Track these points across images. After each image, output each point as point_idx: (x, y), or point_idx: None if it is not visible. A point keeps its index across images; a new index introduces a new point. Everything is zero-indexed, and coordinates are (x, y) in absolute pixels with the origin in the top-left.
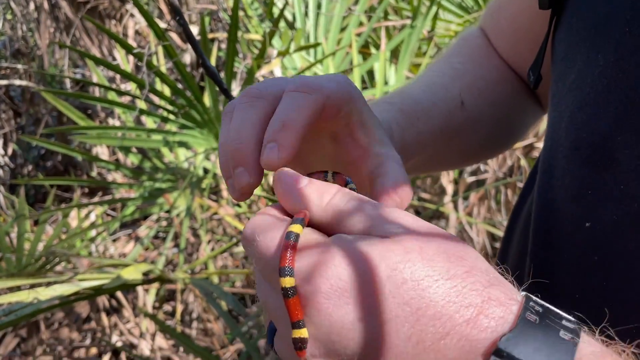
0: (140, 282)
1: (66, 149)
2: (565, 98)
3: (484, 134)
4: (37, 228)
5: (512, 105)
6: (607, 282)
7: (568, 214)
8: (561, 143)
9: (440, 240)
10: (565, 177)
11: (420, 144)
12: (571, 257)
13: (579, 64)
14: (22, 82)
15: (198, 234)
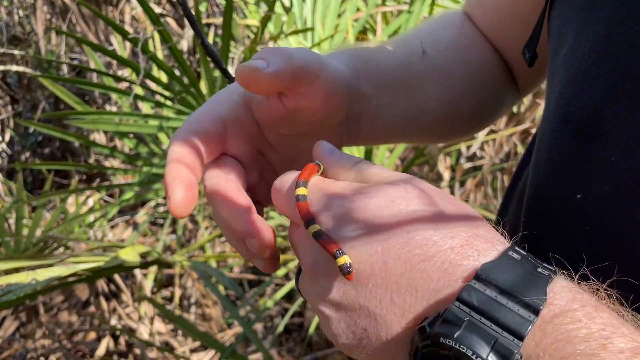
0: (139, 264)
1: (63, 133)
2: (557, 73)
3: (455, 91)
4: (35, 212)
5: (485, 72)
6: (599, 251)
7: (559, 187)
8: (552, 117)
9: (440, 191)
10: (554, 150)
11: (373, 88)
12: (562, 229)
13: (570, 39)
14: (19, 68)
15: (196, 220)
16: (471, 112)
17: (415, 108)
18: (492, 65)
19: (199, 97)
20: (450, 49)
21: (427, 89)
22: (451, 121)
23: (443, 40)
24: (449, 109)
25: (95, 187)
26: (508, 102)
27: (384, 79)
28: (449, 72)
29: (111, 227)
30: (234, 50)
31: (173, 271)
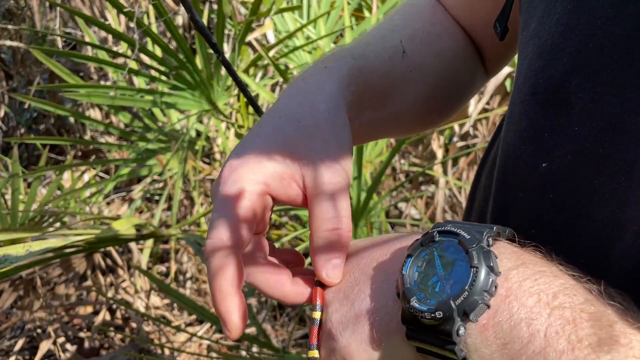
0: (134, 237)
1: (58, 108)
2: (526, 47)
3: (430, 85)
4: (31, 187)
5: (458, 60)
6: (562, 218)
7: (525, 156)
8: (521, 89)
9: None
10: (523, 121)
11: (358, 110)
12: (528, 197)
13: (539, 13)
14: (13, 43)
15: (191, 197)
16: (444, 101)
17: (395, 112)
18: (463, 51)
19: (195, 72)
20: (424, 42)
21: (406, 91)
22: (427, 114)
23: (417, 33)
24: (425, 103)
25: (91, 163)
26: (478, 84)
27: (369, 95)
28: (424, 69)
29: (107, 204)
30: (228, 27)
31: (168, 246)
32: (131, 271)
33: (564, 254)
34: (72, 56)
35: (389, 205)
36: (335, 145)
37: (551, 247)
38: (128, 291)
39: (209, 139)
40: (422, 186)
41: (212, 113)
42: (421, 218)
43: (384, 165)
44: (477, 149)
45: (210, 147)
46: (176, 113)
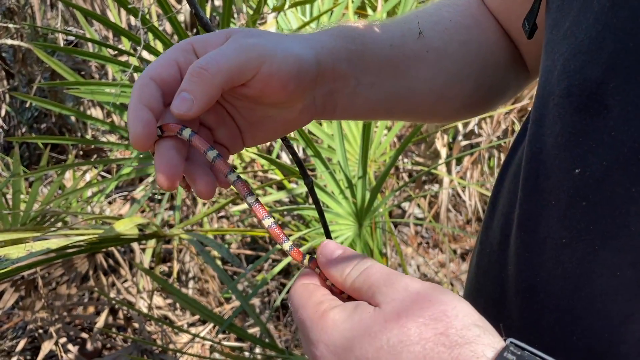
0: (137, 237)
1: (59, 107)
2: (559, 46)
3: (451, 71)
4: (33, 187)
5: (486, 52)
6: (595, 226)
7: (558, 161)
8: (553, 91)
9: (422, 303)
10: (556, 124)
11: (353, 67)
12: (559, 204)
13: (574, 11)
14: (14, 42)
15: (194, 196)
16: (470, 94)
17: (405, 88)
18: (494, 46)
19: None
20: (449, 29)
21: (420, 69)
22: (444, 102)
23: (443, 20)
24: (442, 90)
25: (93, 162)
26: (514, 84)
27: (368, 58)
28: (444, 53)
29: (109, 203)
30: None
31: (171, 246)
32: (133, 271)
33: (598, 264)
34: (75, 53)
35: (393, 205)
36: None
37: (585, 258)
38: (130, 291)
39: None
40: (426, 185)
41: None
42: (425, 217)
43: (388, 165)
44: (482, 148)
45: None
46: None
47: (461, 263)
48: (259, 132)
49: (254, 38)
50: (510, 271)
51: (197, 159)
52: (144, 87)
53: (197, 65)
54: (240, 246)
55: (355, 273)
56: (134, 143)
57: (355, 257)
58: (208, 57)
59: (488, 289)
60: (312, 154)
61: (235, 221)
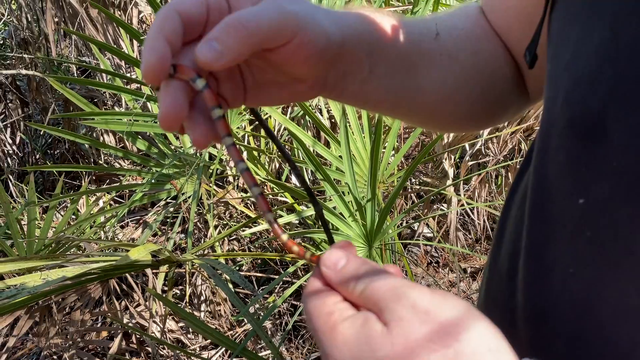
0: (150, 263)
1: (73, 135)
2: (561, 77)
3: (460, 77)
4: (47, 214)
5: (494, 64)
6: (601, 254)
7: (562, 190)
8: (556, 122)
9: (431, 324)
10: (560, 153)
11: (370, 55)
12: (565, 233)
13: (573, 42)
14: (29, 72)
15: (205, 219)
16: (475, 103)
17: (414, 85)
18: (503, 60)
19: None
20: (463, 37)
21: (431, 70)
22: (449, 107)
23: (457, 27)
24: (449, 93)
25: (106, 189)
26: (515, 104)
27: (386, 49)
28: (456, 58)
29: (121, 227)
30: None
31: (183, 270)
32: (146, 295)
33: (606, 291)
34: (88, 84)
35: (403, 227)
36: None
37: (592, 285)
38: (143, 315)
39: (221, 161)
40: (434, 204)
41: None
42: (434, 236)
43: (397, 187)
44: (491, 169)
45: (222, 170)
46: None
47: (471, 282)
48: (263, 95)
49: (294, 5)
50: (519, 299)
51: (199, 106)
52: (167, 19)
53: (237, 18)
54: (251, 268)
55: (360, 287)
56: (145, 74)
57: (359, 268)
58: (249, 13)
59: (498, 316)
60: (322, 178)
61: (245, 243)
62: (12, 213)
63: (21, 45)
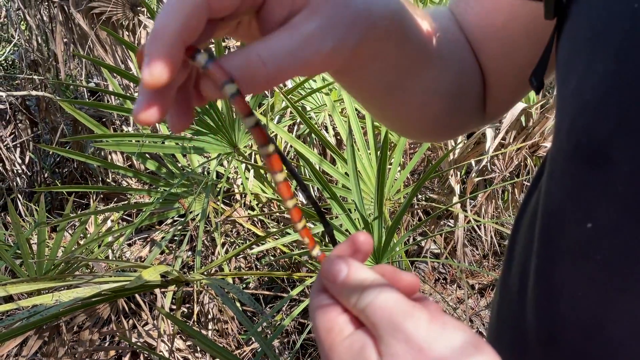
0: (159, 283)
1: (83, 157)
2: (567, 103)
3: (444, 81)
4: (56, 235)
5: (471, 78)
6: (610, 278)
7: (570, 215)
8: (563, 147)
9: (422, 354)
10: (566, 179)
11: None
12: (574, 256)
13: (579, 71)
14: (39, 93)
15: (213, 237)
16: (446, 110)
17: (408, 80)
18: (477, 74)
19: (217, 117)
20: (454, 41)
21: (423, 69)
22: (426, 111)
23: (450, 30)
24: (431, 97)
25: (114, 209)
26: (474, 119)
27: (405, 36)
28: (447, 63)
29: (128, 245)
30: None
31: (191, 288)
32: (154, 313)
33: (615, 313)
34: (98, 106)
35: (410, 244)
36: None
37: (602, 307)
38: (151, 334)
39: (228, 179)
40: (441, 220)
41: (233, 155)
42: (441, 252)
43: (404, 205)
44: (497, 186)
45: (229, 188)
46: (197, 156)
47: (479, 299)
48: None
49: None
50: (529, 320)
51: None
52: (193, 15)
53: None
54: (258, 286)
55: (361, 305)
56: (150, 83)
57: (361, 282)
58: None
59: (508, 337)
60: (329, 197)
61: (252, 260)
62: (22, 234)
63: (31, 66)
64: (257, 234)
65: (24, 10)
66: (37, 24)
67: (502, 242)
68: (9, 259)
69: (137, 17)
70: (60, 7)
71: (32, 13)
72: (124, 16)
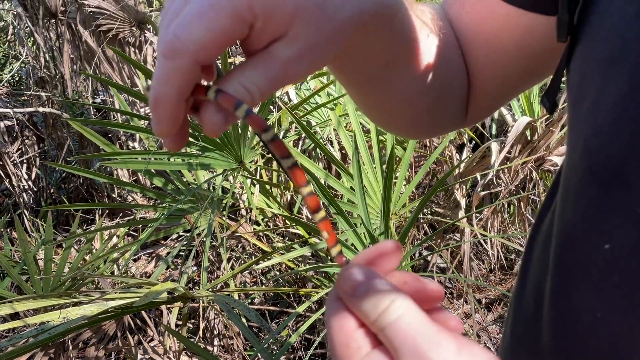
0: (166, 300)
1: (89, 173)
2: (581, 124)
3: (430, 79)
4: (63, 252)
5: (459, 80)
6: (629, 299)
7: (586, 236)
8: (576, 167)
9: None
10: (581, 200)
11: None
12: (591, 278)
13: (593, 93)
14: (46, 110)
15: (218, 252)
16: (427, 108)
17: (394, 75)
18: (463, 78)
19: (222, 134)
20: (444, 40)
21: (409, 66)
22: (408, 108)
23: (443, 29)
24: (415, 94)
25: (120, 225)
26: (455, 121)
27: (390, 30)
28: (435, 61)
29: (134, 261)
30: None
31: (197, 305)
32: (160, 329)
33: (635, 335)
34: (105, 124)
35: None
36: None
37: (621, 329)
38: (157, 350)
39: (234, 194)
40: (447, 234)
41: (239, 170)
42: (448, 267)
43: (410, 221)
44: (503, 200)
45: (235, 203)
46: (202, 172)
47: (486, 313)
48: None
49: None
50: (545, 342)
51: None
52: (187, 76)
53: None
54: (263, 301)
55: (381, 324)
56: (162, 134)
57: (382, 298)
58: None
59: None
60: (335, 212)
61: (258, 275)
62: (29, 251)
63: (38, 83)
64: (263, 249)
65: (32, 28)
66: (44, 42)
67: (508, 256)
68: (16, 275)
69: (143, 35)
70: (67, 25)
71: (40, 31)
72: (130, 34)
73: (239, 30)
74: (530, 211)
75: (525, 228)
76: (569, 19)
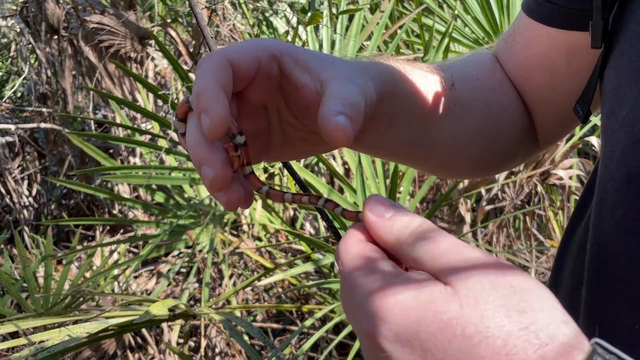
0: (167, 317)
1: (90, 189)
2: (617, 133)
3: (473, 129)
4: (63, 268)
5: (505, 117)
6: None
7: (625, 246)
8: (613, 177)
9: (504, 289)
10: (618, 209)
11: (392, 110)
12: (629, 289)
13: (630, 101)
14: (48, 126)
15: (220, 269)
16: (483, 154)
17: (428, 136)
18: (514, 111)
19: None
20: (477, 87)
21: (445, 120)
22: (458, 158)
23: (472, 78)
24: (460, 144)
25: (121, 241)
26: (523, 152)
27: (405, 102)
28: (470, 110)
29: (135, 277)
30: None
31: (198, 322)
32: (160, 347)
33: None
34: (109, 139)
35: None
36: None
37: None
38: None
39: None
40: None
41: None
42: None
43: None
44: (508, 215)
45: (236, 219)
46: (204, 187)
47: None
48: (289, 151)
49: (354, 85)
50: None
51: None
52: (222, 69)
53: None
54: (266, 318)
55: (418, 252)
56: (214, 129)
57: (412, 222)
58: (357, 107)
59: None
60: (339, 227)
61: (260, 291)
62: (29, 267)
63: (40, 99)
64: (265, 265)
65: (34, 44)
66: (46, 58)
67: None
68: (16, 292)
69: (145, 50)
70: (69, 41)
71: (42, 47)
72: (132, 49)
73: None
74: (535, 225)
75: (531, 243)
76: (603, 25)
